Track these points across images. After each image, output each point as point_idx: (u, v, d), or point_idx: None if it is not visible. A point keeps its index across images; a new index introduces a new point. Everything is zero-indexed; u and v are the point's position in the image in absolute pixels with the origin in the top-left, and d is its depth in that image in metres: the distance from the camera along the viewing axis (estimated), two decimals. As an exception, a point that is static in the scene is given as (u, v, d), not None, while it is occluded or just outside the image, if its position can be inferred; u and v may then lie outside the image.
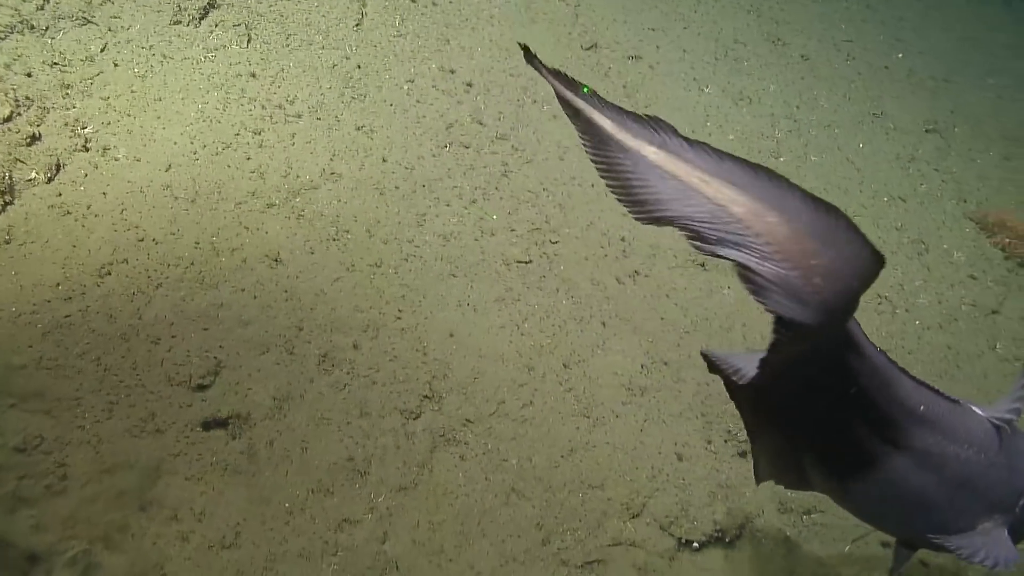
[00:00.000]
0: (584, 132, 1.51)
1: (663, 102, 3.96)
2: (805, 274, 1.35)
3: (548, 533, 2.44)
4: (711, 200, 1.38)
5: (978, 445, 1.84)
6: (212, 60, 3.21)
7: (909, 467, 1.79)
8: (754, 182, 1.37)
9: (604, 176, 1.47)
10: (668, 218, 1.42)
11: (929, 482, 1.82)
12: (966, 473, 1.84)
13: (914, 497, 1.84)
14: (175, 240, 2.68)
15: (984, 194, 4.30)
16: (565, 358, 2.86)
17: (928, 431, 1.78)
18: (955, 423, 1.83)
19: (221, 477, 2.24)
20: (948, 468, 1.82)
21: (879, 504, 1.92)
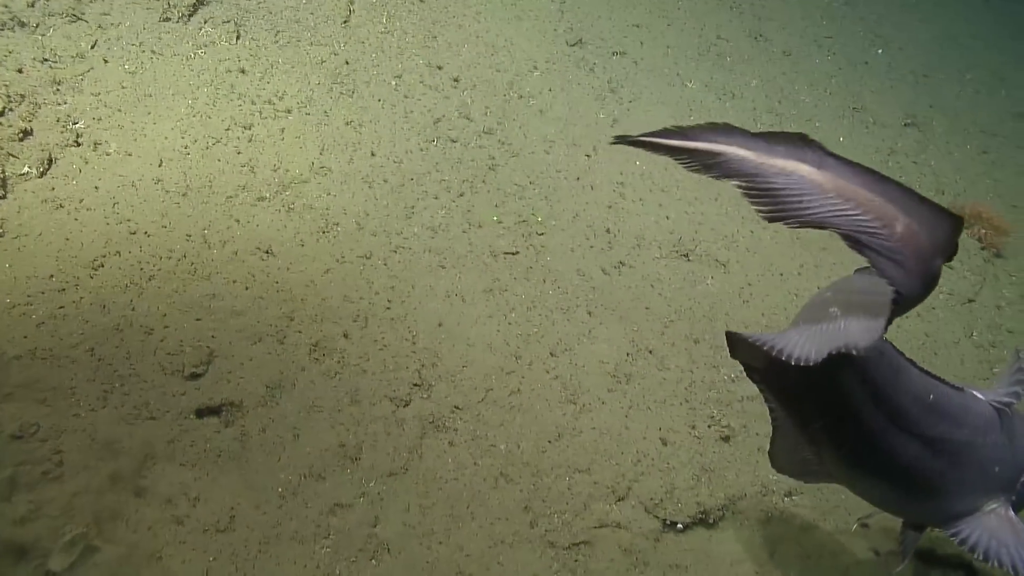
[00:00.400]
0: (724, 171, 1.66)
1: (647, 96, 4.03)
2: (921, 260, 1.61)
3: (536, 516, 2.50)
4: (859, 208, 1.59)
5: (983, 430, 1.95)
6: (201, 56, 3.25)
7: (921, 453, 1.89)
8: (885, 189, 1.59)
9: (753, 198, 1.64)
10: (817, 223, 1.61)
11: (940, 467, 1.93)
12: (973, 457, 1.95)
13: (925, 482, 1.95)
14: (167, 233, 2.73)
15: (961, 186, 4.40)
16: (552, 346, 2.92)
17: (937, 419, 1.89)
18: (961, 410, 1.94)
19: (215, 463, 2.28)
20: (957, 453, 1.93)
21: (892, 489, 2.03)
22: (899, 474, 1.94)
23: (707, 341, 3.14)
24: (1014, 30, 5.87)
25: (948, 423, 1.90)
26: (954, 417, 1.92)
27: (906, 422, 1.86)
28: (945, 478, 1.96)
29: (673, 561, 2.53)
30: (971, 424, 1.94)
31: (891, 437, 1.87)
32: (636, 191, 3.59)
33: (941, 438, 1.89)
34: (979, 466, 1.98)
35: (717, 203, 3.71)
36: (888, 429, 1.86)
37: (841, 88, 4.67)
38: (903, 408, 1.85)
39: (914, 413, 1.86)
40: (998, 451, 1.98)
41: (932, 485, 1.98)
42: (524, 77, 3.81)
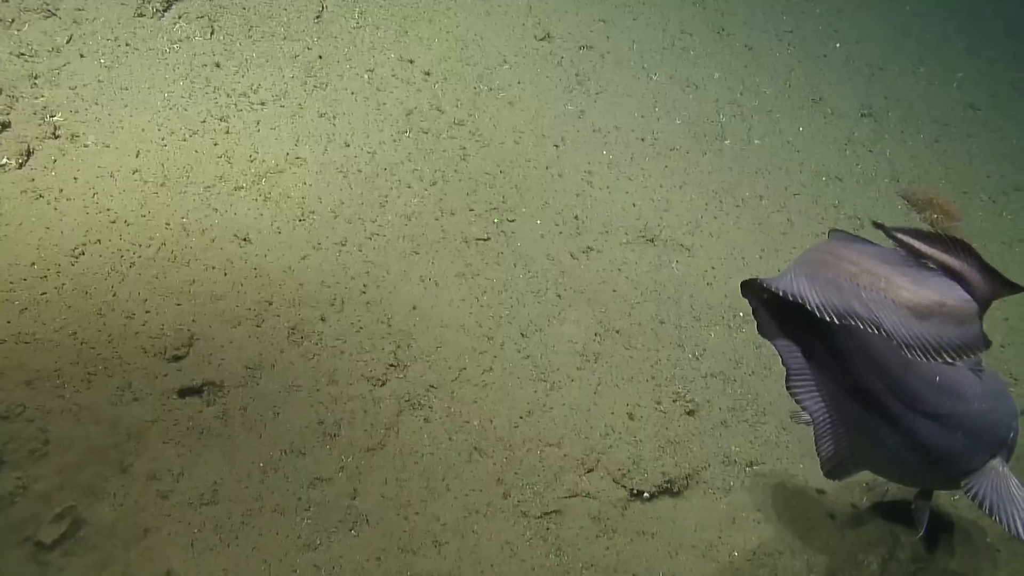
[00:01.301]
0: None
1: (613, 89, 4.16)
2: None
3: (508, 487, 2.61)
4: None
5: (979, 397, 2.21)
6: (176, 51, 3.32)
7: (935, 430, 2.16)
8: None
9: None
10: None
11: (950, 439, 2.19)
12: (977, 424, 2.21)
13: (939, 454, 2.21)
14: (146, 221, 2.80)
15: (915, 174, 4.59)
16: (523, 328, 3.03)
17: (945, 397, 2.15)
18: (961, 384, 2.20)
19: (198, 440, 2.37)
20: (963, 424, 2.18)
21: (911, 465, 2.29)
22: (918, 451, 2.20)
23: (672, 321, 3.28)
24: (965, 25, 6.10)
25: (953, 399, 2.17)
26: (957, 392, 2.17)
27: (921, 405, 2.13)
28: (955, 448, 2.21)
29: (640, 528, 2.66)
30: (969, 395, 2.19)
31: (909, 421, 2.14)
32: (603, 179, 3.72)
33: (949, 413, 2.16)
34: (980, 431, 2.23)
35: (682, 190, 3.85)
36: (906, 414, 2.12)
37: (800, 80, 4.84)
38: (918, 393, 2.12)
39: (926, 396, 2.13)
40: (992, 413, 2.24)
41: (945, 456, 2.23)
42: (494, 70, 3.92)
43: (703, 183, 3.93)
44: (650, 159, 3.91)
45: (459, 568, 2.40)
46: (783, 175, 4.19)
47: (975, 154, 4.95)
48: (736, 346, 3.29)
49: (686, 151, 4.05)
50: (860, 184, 4.35)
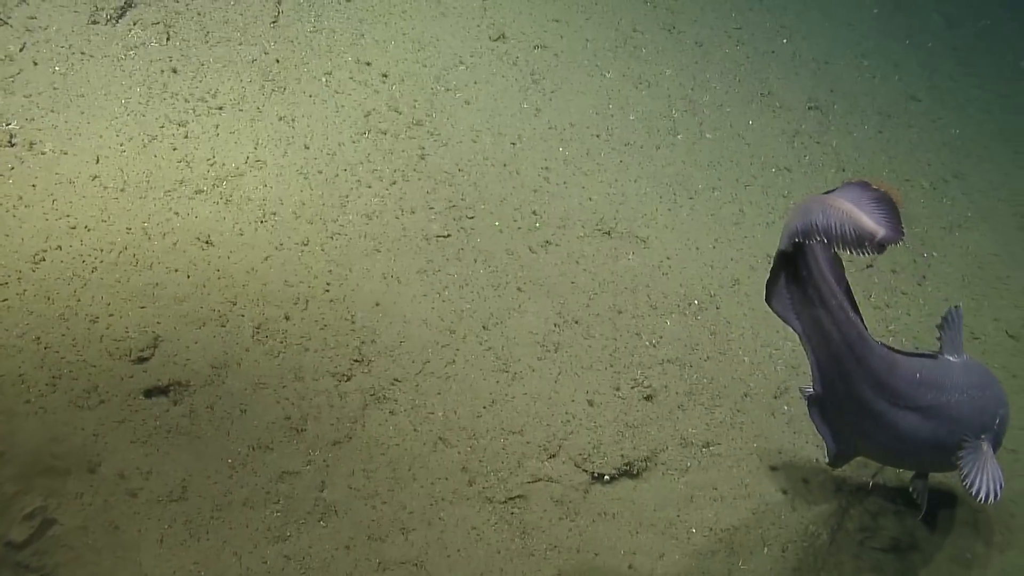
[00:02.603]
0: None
1: (568, 87, 4.26)
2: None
3: (473, 475, 2.70)
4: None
5: (961, 387, 2.48)
6: (132, 57, 3.34)
7: (919, 421, 2.43)
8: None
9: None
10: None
11: (934, 427, 2.45)
12: (959, 412, 2.47)
13: (926, 441, 2.48)
14: (107, 227, 2.82)
15: (860, 163, 4.77)
16: (484, 321, 3.12)
17: (926, 390, 2.42)
18: (943, 376, 2.47)
19: (165, 439, 2.41)
20: (945, 413, 2.44)
21: (901, 453, 2.59)
22: (904, 440, 2.48)
23: (629, 311, 3.39)
24: (906, 19, 6.33)
25: (935, 391, 2.44)
26: (938, 384, 2.45)
27: (903, 400, 2.41)
28: (939, 434, 2.47)
29: (601, 510, 2.76)
30: (951, 385, 2.47)
31: (893, 415, 2.41)
32: (560, 175, 3.82)
33: (930, 405, 2.43)
34: (963, 418, 2.49)
35: (636, 184, 3.96)
36: (889, 410, 2.40)
37: (749, 75, 5.00)
38: (899, 390, 2.40)
39: (908, 391, 2.40)
40: (975, 401, 2.50)
41: (930, 443, 2.49)
42: (450, 71, 4.00)
43: (657, 176, 4.05)
44: (605, 154, 4.02)
45: (426, 554, 2.47)
46: (734, 167, 4.33)
47: (916, 143, 5.16)
48: (692, 333, 3.42)
49: (640, 146, 4.17)
50: (808, 174, 4.51)
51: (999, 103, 6.00)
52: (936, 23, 6.58)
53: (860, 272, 4.10)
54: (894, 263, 4.24)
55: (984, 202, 4.97)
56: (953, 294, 4.22)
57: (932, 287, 4.22)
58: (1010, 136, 5.71)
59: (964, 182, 5.05)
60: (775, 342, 3.56)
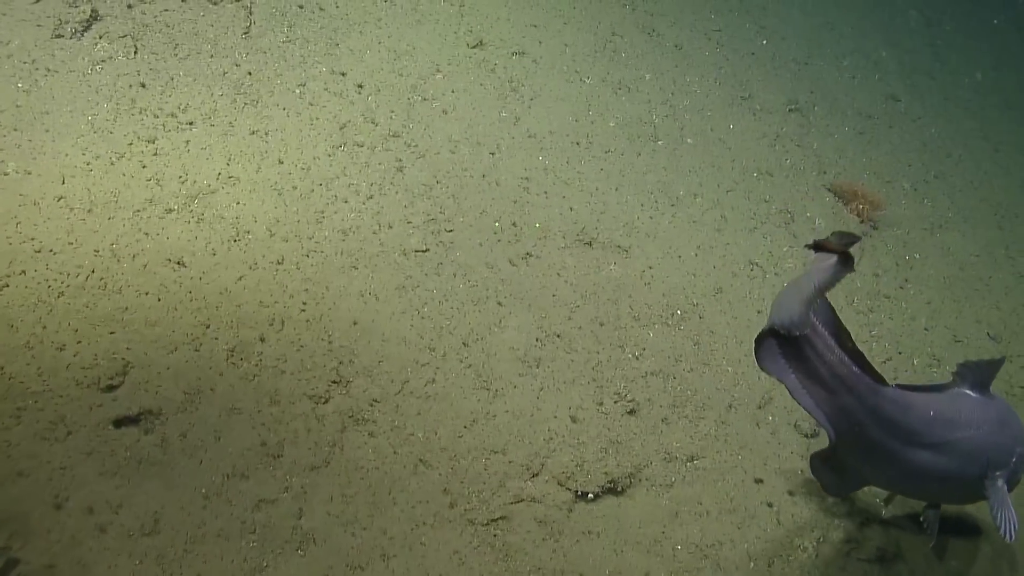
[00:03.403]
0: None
1: (547, 94, 4.21)
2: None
3: (455, 497, 2.65)
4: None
5: (976, 422, 2.50)
6: (99, 72, 3.26)
7: (932, 457, 2.46)
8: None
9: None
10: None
11: (947, 463, 2.48)
12: (972, 447, 2.50)
13: (938, 476, 2.52)
14: (74, 250, 2.75)
15: (841, 166, 4.76)
16: (464, 337, 3.07)
17: (939, 427, 2.45)
18: (957, 412, 2.50)
19: (136, 470, 2.34)
20: (958, 448, 2.48)
21: (912, 485, 2.63)
22: (916, 475, 2.52)
23: (611, 323, 3.35)
24: (885, 17, 6.34)
25: (948, 428, 2.47)
26: (951, 421, 2.48)
27: (916, 438, 2.45)
28: (951, 470, 2.50)
29: (585, 528, 2.73)
30: (965, 422, 2.49)
31: (905, 452, 2.45)
32: (540, 185, 3.77)
33: (943, 441, 2.46)
34: (976, 453, 2.52)
35: (617, 192, 3.92)
36: (902, 448, 2.45)
37: (729, 78, 4.97)
38: (912, 429, 2.44)
39: (921, 430, 2.44)
40: (992, 437, 2.53)
41: (942, 478, 2.52)
42: (427, 80, 3.94)
43: (638, 184, 4.02)
44: (585, 162, 3.98)
45: (408, 580, 2.43)
46: (715, 172, 4.31)
47: (897, 144, 5.16)
48: (675, 343, 3.39)
49: (621, 153, 4.13)
50: (790, 178, 4.50)
51: (978, 100, 6.02)
52: (915, 20, 6.59)
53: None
54: (876, 267, 4.24)
55: (965, 202, 4.98)
56: (935, 297, 4.22)
57: (914, 290, 4.22)
58: (989, 134, 5.73)
59: (945, 182, 5.05)
60: (759, 351, 3.53)
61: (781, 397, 3.37)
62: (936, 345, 3.98)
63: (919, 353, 3.91)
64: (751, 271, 3.89)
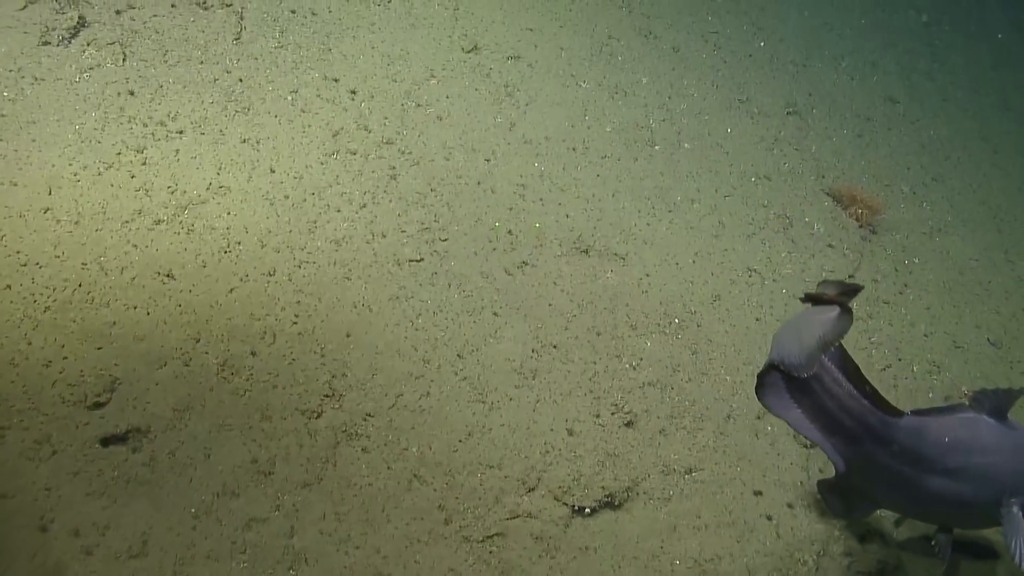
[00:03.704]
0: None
1: (543, 99, 4.16)
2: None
3: (450, 513, 2.61)
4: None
5: (993, 448, 2.47)
6: (87, 80, 3.21)
7: (945, 483, 2.45)
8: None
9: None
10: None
11: (961, 489, 2.45)
12: (987, 473, 2.47)
13: (951, 502, 2.49)
14: (60, 263, 2.70)
15: (840, 170, 4.72)
16: (459, 349, 3.02)
17: (954, 452, 2.43)
18: (974, 437, 2.47)
19: (124, 490, 2.30)
20: (974, 474, 2.45)
21: (925, 510, 2.61)
22: (930, 501, 2.50)
23: (608, 332, 3.31)
24: (883, 16, 6.29)
25: (963, 454, 2.44)
26: (967, 447, 2.45)
27: (929, 464, 2.43)
28: (965, 496, 2.49)
29: (582, 544, 2.69)
30: (981, 448, 2.47)
31: (918, 479, 2.44)
32: (536, 192, 3.72)
33: (958, 467, 2.44)
34: (992, 479, 2.48)
35: (614, 199, 3.88)
36: (916, 475, 2.43)
37: (727, 80, 4.92)
38: (926, 456, 2.43)
39: (935, 456, 2.43)
40: (1008, 463, 2.50)
41: (956, 503, 2.50)
42: (421, 85, 3.89)
43: (635, 190, 3.97)
44: (582, 168, 3.94)
45: (402, 600, 2.38)
46: (713, 177, 4.26)
47: (896, 147, 5.12)
48: (672, 353, 3.35)
49: (617, 158, 4.08)
50: (788, 183, 4.46)
51: (976, 101, 5.98)
52: (913, 20, 6.54)
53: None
54: (875, 272, 4.20)
55: (964, 205, 4.94)
56: (935, 302, 4.19)
57: (914, 295, 4.18)
58: (988, 135, 5.69)
59: (944, 185, 5.01)
60: (757, 360, 3.49)
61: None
62: (936, 351, 3.94)
63: (919, 359, 3.87)
64: (749, 278, 3.85)
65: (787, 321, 2.35)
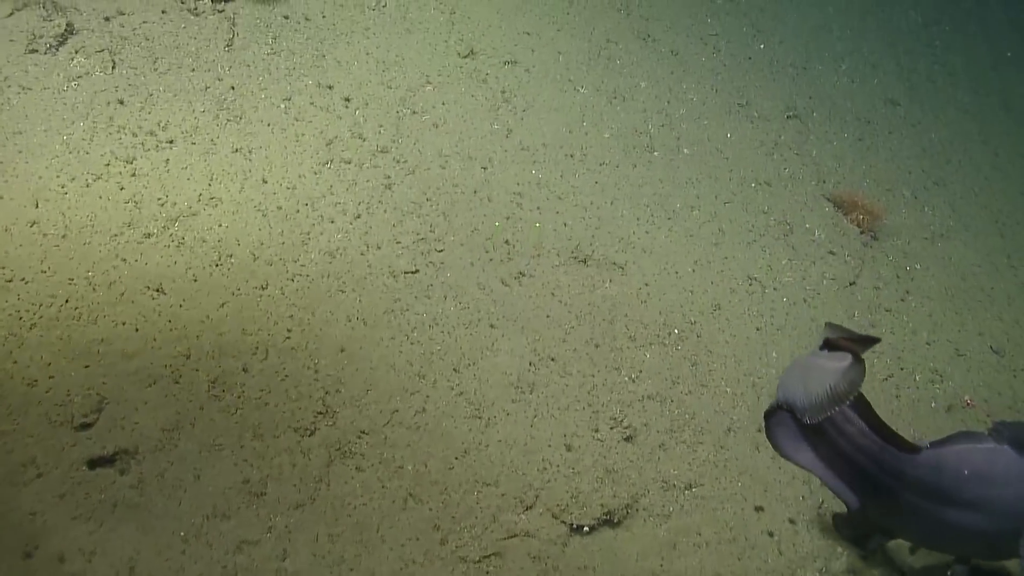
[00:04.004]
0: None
1: (540, 104, 4.11)
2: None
3: (446, 533, 2.56)
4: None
5: (1013, 480, 2.43)
6: (75, 88, 3.14)
7: (964, 515, 2.42)
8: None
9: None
10: None
11: (979, 521, 2.43)
12: (1007, 505, 2.44)
13: (971, 533, 2.47)
14: (47, 278, 2.64)
15: (840, 174, 4.67)
16: (455, 362, 2.97)
17: (974, 485, 2.40)
18: (994, 469, 2.43)
19: (111, 514, 2.24)
20: (993, 506, 2.42)
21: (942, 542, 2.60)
22: (949, 533, 2.48)
23: (607, 344, 3.26)
24: (883, 17, 6.24)
25: (983, 486, 2.42)
26: (987, 479, 2.42)
27: (948, 497, 2.41)
28: (983, 527, 2.46)
29: (581, 563, 2.64)
30: (1002, 480, 2.44)
31: (937, 511, 2.41)
32: (533, 200, 3.67)
33: (977, 499, 2.42)
34: (1011, 511, 2.45)
35: (613, 206, 3.83)
36: (934, 508, 2.41)
37: (726, 84, 4.87)
38: (945, 489, 2.41)
39: (954, 489, 2.40)
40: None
41: (974, 535, 2.47)
42: (417, 92, 3.83)
43: (634, 197, 3.92)
44: (580, 176, 3.88)
45: (397, 624, 2.34)
46: (713, 183, 4.21)
47: (897, 151, 5.07)
48: (672, 365, 3.30)
49: (616, 165, 4.03)
50: (788, 188, 4.40)
51: (977, 102, 5.93)
52: (913, 19, 6.49)
53: (843, 290, 4.00)
54: (877, 279, 4.15)
55: (965, 210, 4.90)
56: (937, 309, 4.14)
57: (916, 302, 4.13)
58: (989, 138, 5.64)
59: (945, 189, 4.97)
60: (758, 370, 3.44)
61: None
62: (938, 360, 3.90)
63: (921, 368, 3.83)
64: (749, 286, 3.80)
65: (796, 362, 2.29)
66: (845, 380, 2.12)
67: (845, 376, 2.13)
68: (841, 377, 2.13)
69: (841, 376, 2.13)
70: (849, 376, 2.12)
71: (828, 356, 2.23)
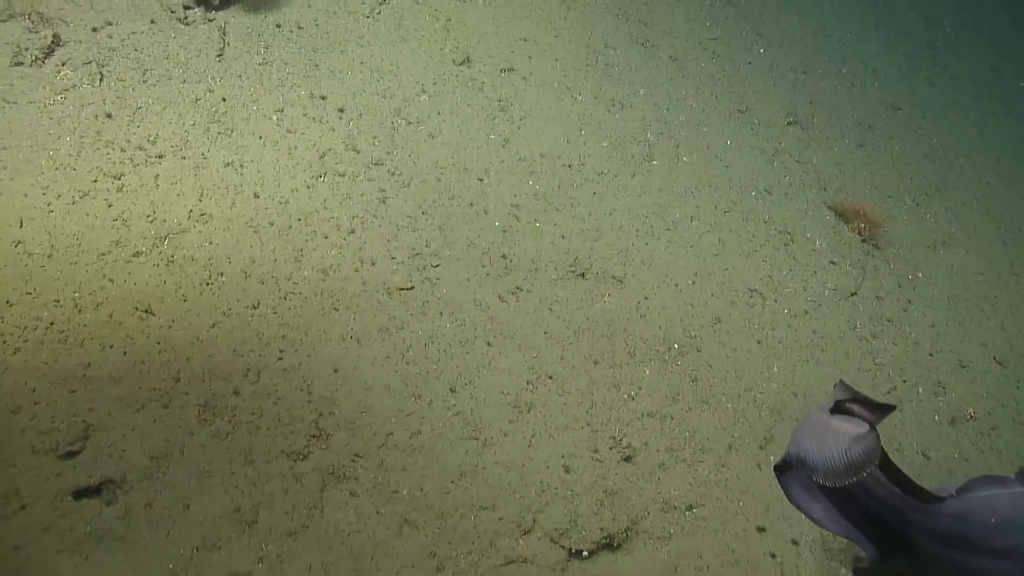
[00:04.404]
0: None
1: (537, 113, 4.04)
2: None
3: (442, 560, 2.50)
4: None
5: None
6: (62, 102, 3.07)
7: (992, 564, 2.32)
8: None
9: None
10: None
11: (1009, 569, 2.32)
12: None
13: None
14: (32, 300, 2.58)
15: (841, 181, 4.61)
16: (451, 382, 2.91)
17: (1000, 532, 2.31)
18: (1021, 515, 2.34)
19: (97, 546, 2.19)
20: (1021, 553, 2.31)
21: None
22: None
23: (606, 361, 3.20)
24: (883, 20, 6.17)
25: (1010, 533, 2.32)
26: (1013, 525, 2.33)
27: (975, 546, 2.33)
28: (1012, 574, 2.36)
29: (580, 589, 2.59)
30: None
31: (963, 561, 2.33)
32: (531, 212, 3.61)
33: (1006, 547, 2.33)
34: None
35: (611, 217, 3.77)
36: (960, 557, 2.33)
37: (726, 90, 4.80)
38: (970, 539, 2.33)
39: (981, 538, 2.32)
40: None
41: None
42: (412, 102, 3.77)
43: (633, 208, 3.86)
44: (578, 186, 3.82)
45: (392, 656, 2.28)
46: (712, 192, 4.15)
47: (898, 156, 5.01)
48: (672, 381, 3.24)
49: (614, 175, 3.97)
50: (789, 196, 4.35)
51: (978, 106, 5.87)
52: (914, 22, 6.42)
53: (845, 300, 3.94)
54: (879, 288, 4.10)
55: (968, 216, 4.84)
56: (939, 319, 4.09)
57: (918, 312, 4.08)
58: (990, 143, 5.58)
59: (947, 196, 4.91)
60: (759, 385, 3.39)
61: (783, 436, 3.24)
62: (941, 371, 3.85)
63: (924, 380, 3.78)
64: (750, 298, 3.74)
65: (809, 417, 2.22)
66: (862, 450, 2.07)
67: (862, 445, 2.08)
68: (859, 447, 2.08)
69: (859, 446, 2.08)
70: (866, 446, 2.07)
71: (844, 420, 2.17)
